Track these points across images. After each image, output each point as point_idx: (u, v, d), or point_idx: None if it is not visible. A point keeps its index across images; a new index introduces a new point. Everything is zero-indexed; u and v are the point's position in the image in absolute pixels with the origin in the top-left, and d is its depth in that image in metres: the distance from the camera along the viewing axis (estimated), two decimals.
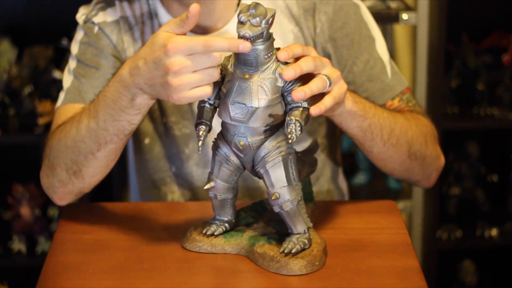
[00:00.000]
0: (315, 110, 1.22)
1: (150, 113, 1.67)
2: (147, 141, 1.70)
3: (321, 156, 1.71)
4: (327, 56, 1.60)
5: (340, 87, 1.27)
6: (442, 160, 1.61)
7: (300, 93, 1.20)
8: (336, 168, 1.80)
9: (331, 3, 1.58)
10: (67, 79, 1.62)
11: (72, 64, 1.62)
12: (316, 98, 1.24)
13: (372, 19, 1.63)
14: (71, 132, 1.42)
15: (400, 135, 1.47)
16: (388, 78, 1.60)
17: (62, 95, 1.61)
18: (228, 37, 1.19)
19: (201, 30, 1.58)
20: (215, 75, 1.21)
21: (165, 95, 1.23)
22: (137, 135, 1.71)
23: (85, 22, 1.62)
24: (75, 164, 1.43)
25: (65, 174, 1.46)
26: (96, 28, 1.62)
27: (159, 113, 1.66)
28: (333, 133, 1.76)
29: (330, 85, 1.24)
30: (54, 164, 1.47)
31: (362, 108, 1.37)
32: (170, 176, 1.70)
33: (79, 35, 1.64)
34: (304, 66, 1.22)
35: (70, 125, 1.43)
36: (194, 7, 1.20)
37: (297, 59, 1.24)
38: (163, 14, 1.61)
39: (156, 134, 1.68)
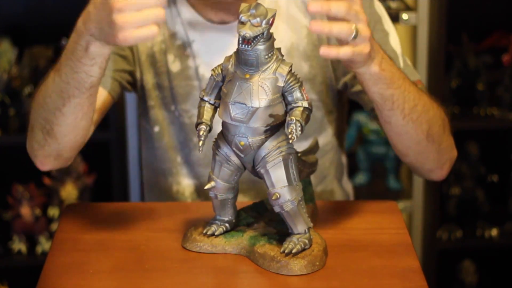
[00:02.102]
0: (324, 50, 1.19)
1: (162, 100, 1.67)
2: (157, 129, 1.70)
3: (329, 155, 1.72)
4: None
5: (363, 48, 1.24)
6: (455, 151, 1.57)
7: (316, 7, 1.16)
8: (341, 169, 1.80)
9: None
10: None
11: None
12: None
13: (386, 14, 1.62)
14: (41, 89, 1.44)
15: (422, 112, 1.43)
16: (400, 68, 1.60)
17: None
18: None
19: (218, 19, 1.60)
20: (161, 15, 1.21)
21: (111, 36, 1.23)
22: (148, 122, 1.72)
23: None
24: (47, 123, 1.44)
25: (41, 134, 1.46)
26: None
27: (170, 100, 1.66)
28: (341, 133, 1.76)
29: (355, 37, 1.21)
30: (33, 125, 1.49)
31: (389, 76, 1.34)
32: (177, 167, 1.70)
33: None
34: (334, 7, 1.18)
35: (43, 84, 1.45)
36: None
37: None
38: (182, 3, 1.62)
39: (166, 122, 1.69)
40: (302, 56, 1.61)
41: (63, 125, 1.43)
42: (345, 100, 1.73)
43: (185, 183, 1.71)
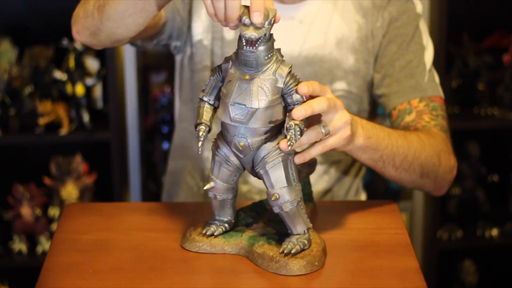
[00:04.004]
0: (299, 158, 1.27)
1: (214, 65, 1.70)
2: None
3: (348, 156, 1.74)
4: (379, 48, 1.68)
5: (341, 135, 1.30)
6: (454, 172, 1.63)
7: (284, 145, 1.22)
8: (361, 173, 1.84)
9: (398, 4, 1.68)
10: None
11: None
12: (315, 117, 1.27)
13: (427, 32, 1.72)
14: None
15: (414, 159, 1.50)
16: (424, 81, 1.66)
17: None
18: None
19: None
20: None
21: None
22: (197, 82, 1.74)
23: None
24: None
25: (92, 5, 1.47)
26: None
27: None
28: None
29: (327, 134, 1.27)
30: None
31: (375, 141, 1.41)
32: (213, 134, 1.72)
33: None
34: (317, 106, 1.24)
35: None
36: None
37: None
38: None
39: None
40: (350, 48, 1.68)
41: (112, 9, 1.43)
42: (373, 107, 1.78)
43: None
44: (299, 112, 1.21)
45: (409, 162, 1.49)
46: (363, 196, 1.87)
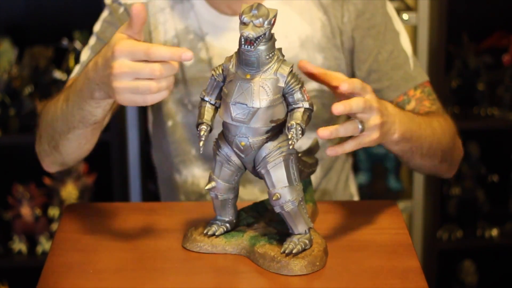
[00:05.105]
0: (331, 151, 1.27)
1: (175, 94, 1.69)
2: (170, 123, 1.72)
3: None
4: (353, 43, 1.64)
5: (370, 135, 1.30)
6: (462, 153, 1.65)
7: (325, 132, 1.23)
8: (347, 164, 1.83)
9: None
10: (85, 54, 1.66)
11: (92, 40, 1.66)
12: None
13: (396, 15, 1.68)
14: (51, 110, 1.48)
15: (437, 146, 1.51)
16: (411, 69, 1.65)
17: (76, 68, 1.65)
18: (170, 47, 1.20)
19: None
20: (152, 88, 1.21)
21: (112, 94, 1.26)
22: (160, 118, 1.73)
23: (113, 2, 1.65)
24: (53, 140, 1.49)
25: (47, 146, 1.52)
26: (121, 9, 1.64)
27: (184, 94, 1.68)
28: None
29: (362, 131, 1.28)
30: (41, 135, 1.54)
31: (409, 135, 1.41)
32: (191, 159, 1.72)
33: (104, 13, 1.67)
34: (355, 106, 1.26)
35: (54, 102, 1.48)
36: (137, 7, 1.21)
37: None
38: None
39: (180, 116, 1.70)
40: (317, 47, 1.64)
41: (68, 147, 1.48)
42: None
43: (199, 174, 1.73)
44: (339, 108, 1.23)
45: (433, 149, 1.50)
46: (353, 188, 1.86)
